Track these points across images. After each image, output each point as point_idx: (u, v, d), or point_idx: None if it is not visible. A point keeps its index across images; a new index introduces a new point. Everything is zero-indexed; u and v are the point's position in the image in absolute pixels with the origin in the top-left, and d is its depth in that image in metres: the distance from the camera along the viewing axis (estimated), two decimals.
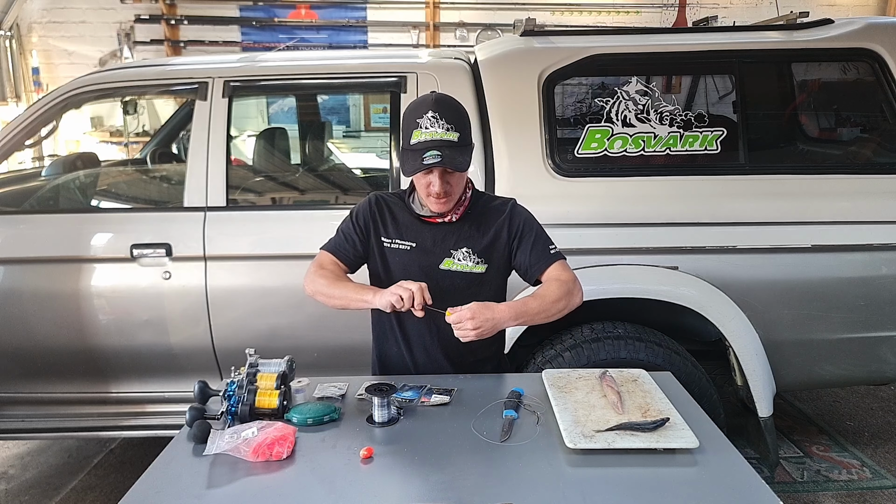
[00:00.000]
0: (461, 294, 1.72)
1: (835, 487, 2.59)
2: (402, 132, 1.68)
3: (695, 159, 2.30)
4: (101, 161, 3.35)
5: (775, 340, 2.30)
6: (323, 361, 2.36)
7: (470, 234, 1.75)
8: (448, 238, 1.74)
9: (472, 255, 1.74)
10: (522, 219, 1.79)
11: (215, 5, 6.46)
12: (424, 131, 1.60)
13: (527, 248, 1.76)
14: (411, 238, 1.75)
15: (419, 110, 1.62)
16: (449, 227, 1.75)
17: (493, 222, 1.77)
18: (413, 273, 1.73)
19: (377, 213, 1.78)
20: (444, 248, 1.74)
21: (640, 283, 2.25)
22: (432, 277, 1.72)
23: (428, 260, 1.74)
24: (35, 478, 2.77)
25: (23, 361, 2.46)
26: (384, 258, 1.77)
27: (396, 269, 1.76)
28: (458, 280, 1.74)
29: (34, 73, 6.50)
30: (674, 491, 1.21)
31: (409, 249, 1.75)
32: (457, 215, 1.74)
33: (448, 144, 1.60)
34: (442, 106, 1.62)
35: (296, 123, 3.88)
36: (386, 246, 1.77)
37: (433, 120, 1.59)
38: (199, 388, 1.51)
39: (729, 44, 2.41)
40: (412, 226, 1.76)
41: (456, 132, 1.61)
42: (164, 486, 1.25)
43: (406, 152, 1.64)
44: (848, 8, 6.62)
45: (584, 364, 2.15)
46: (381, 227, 1.78)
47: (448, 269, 1.74)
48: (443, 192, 1.63)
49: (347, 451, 1.35)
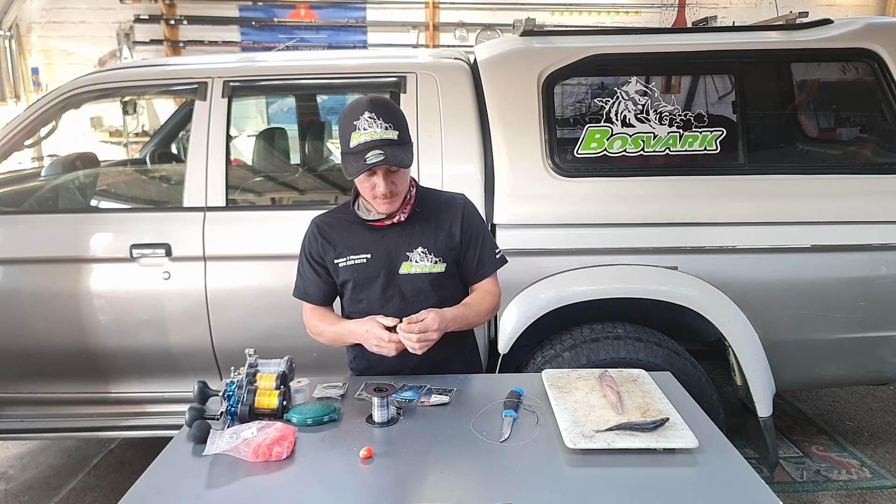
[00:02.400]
0: (425, 296, 1.72)
1: (834, 487, 2.59)
2: (340, 137, 1.65)
3: (694, 159, 2.30)
4: (100, 161, 3.35)
5: (775, 340, 2.30)
6: (323, 361, 2.36)
7: (422, 232, 1.74)
8: (401, 241, 1.73)
9: (428, 254, 1.73)
10: (475, 219, 1.80)
11: (215, 5, 6.46)
12: (363, 132, 1.58)
13: (475, 251, 1.78)
14: (364, 250, 1.73)
15: (355, 113, 1.60)
16: (399, 228, 1.73)
17: (444, 219, 1.76)
18: (374, 284, 1.73)
19: (322, 238, 1.77)
20: (399, 251, 1.73)
21: (639, 283, 2.25)
22: (393, 284, 1.72)
23: (386, 268, 1.73)
24: (35, 478, 2.77)
25: (23, 361, 2.46)
26: (340, 277, 1.77)
27: (357, 283, 1.75)
28: (420, 282, 1.73)
29: (34, 73, 6.50)
30: (673, 491, 1.21)
31: (365, 262, 1.73)
32: (404, 214, 1.72)
33: (388, 143, 1.58)
34: (377, 106, 1.61)
35: (295, 123, 3.89)
36: (341, 265, 1.75)
37: (370, 120, 1.58)
38: (199, 388, 1.51)
39: (728, 44, 2.41)
40: (361, 236, 1.74)
41: (395, 130, 1.60)
42: (163, 486, 1.25)
43: (347, 156, 1.62)
44: (848, 8, 6.63)
45: (584, 364, 2.15)
46: (332, 249, 1.76)
47: (408, 272, 1.73)
48: (388, 191, 1.62)
49: (347, 451, 1.35)
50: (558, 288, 2.25)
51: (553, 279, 2.26)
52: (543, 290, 2.25)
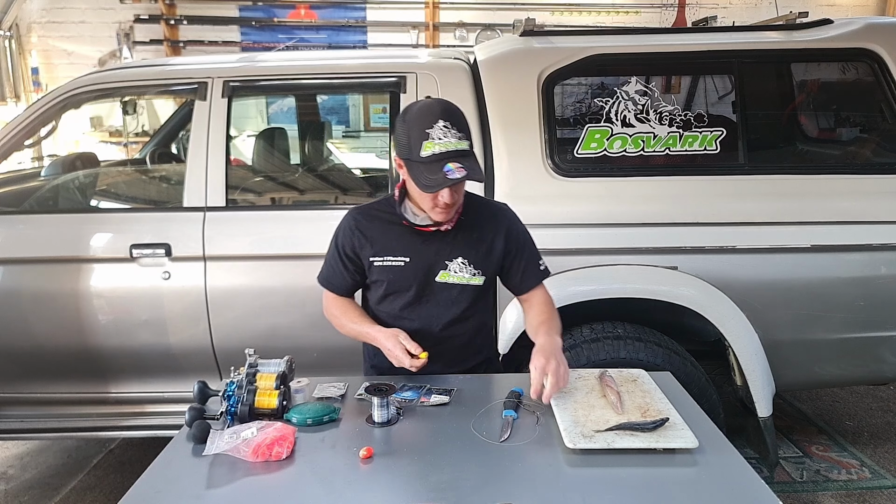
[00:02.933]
0: (457, 306, 1.70)
1: (834, 487, 2.59)
2: (407, 142, 1.54)
3: (694, 159, 2.30)
4: (100, 161, 3.35)
5: (775, 340, 2.30)
6: (322, 361, 2.36)
7: (464, 242, 1.70)
8: (442, 249, 1.69)
9: (468, 265, 1.69)
10: (519, 233, 1.76)
11: (215, 5, 6.46)
12: (437, 142, 1.50)
13: (520, 264, 1.75)
14: (403, 253, 1.69)
15: (427, 120, 1.52)
16: (442, 235, 1.69)
17: (488, 232, 1.72)
18: (408, 288, 1.70)
19: (360, 233, 1.71)
20: (439, 259, 1.69)
21: (639, 283, 2.25)
22: (427, 291, 1.70)
23: (423, 274, 1.69)
24: (35, 478, 2.77)
25: (23, 361, 2.46)
26: (374, 276, 1.73)
27: (392, 286, 1.71)
28: (455, 292, 1.70)
29: (33, 73, 6.50)
30: (673, 491, 1.21)
31: (402, 265, 1.69)
32: (452, 224, 1.68)
33: (462, 154, 1.52)
34: (451, 114, 1.54)
35: (295, 123, 3.89)
36: (376, 265, 1.71)
37: (445, 130, 1.51)
38: (199, 388, 1.51)
39: (728, 44, 2.41)
40: (402, 238, 1.69)
41: (466, 140, 1.54)
42: (163, 486, 1.25)
43: (417, 165, 1.53)
44: (847, 8, 6.63)
45: (584, 364, 2.15)
46: (368, 244, 1.70)
47: (444, 281, 1.69)
48: (453, 202, 1.58)
49: (347, 451, 1.35)
50: (558, 288, 2.24)
51: (553, 279, 2.25)
52: None
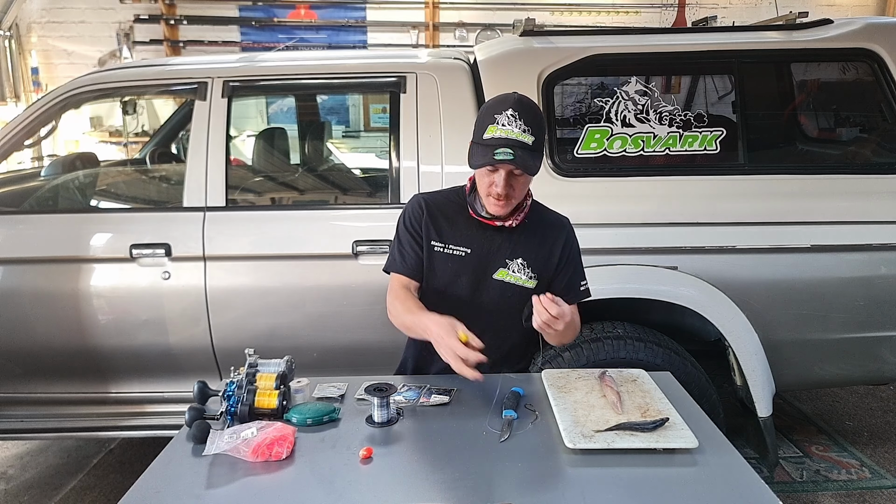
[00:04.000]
0: (506, 308, 1.68)
1: (834, 487, 2.59)
2: (476, 125, 1.60)
3: (694, 159, 2.30)
4: (100, 161, 3.35)
5: (775, 340, 2.30)
6: (322, 361, 2.36)
7: (526, 245, 1.70)
8: (504, 246, 1.69)
9: (526, 267, 1.69)
10: (575, 246, 1.76)
11: (215, 5, 6.46)
12: (500, 128, 1.53)
13: (566, 277, 1.74)
14: (466, 243, 1.68)
15: (499, 107, 1.55)
16: (507, 233, 1.68)
17: (549, 238, 1.72)
18: (463, 281, 1.68)
19: (429, 215, 1.70)
20: (500, 256, 1.68)
21: (639, 283, 2.25)
22: (483, 287, 1.68)
23: (481, 268, 1.68)
24: (34, 478, 2.77)
25: (22, 361, 2.46)
26: (432, 263, 1.70)
27: (446, 275, 1.69)
28: (508, 292, 1.69)
29: (33, 73, 6.50)
30: (673, 491, 1.21)
31: (463, 256, 1.68)
32: (517, 221, 1.68)
33: (521, 145, 1.53)
34: (523, 107, 1.56)
35: (295, 123, 3.89)
36: (437, 251, 1.69)
37: (512, 118, 1.53)
38: (199, 388, 1.51)
39: (728, 44, 2.41)
40: (467, 229, 1.69)
41: (532, 136, 1.54)
42: (163, 486, 1.25)
43: (476, 146, 1.58)
44: (847, 8, 6.63)
45: (584, 364, 2.15)
46: (434, 230, 1.69)
47: (501, 279, 1.69)
48: (505, 193, 1.58)
49: (347, 451, 1.35)
50: None
51: None
52: None
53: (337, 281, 2.32)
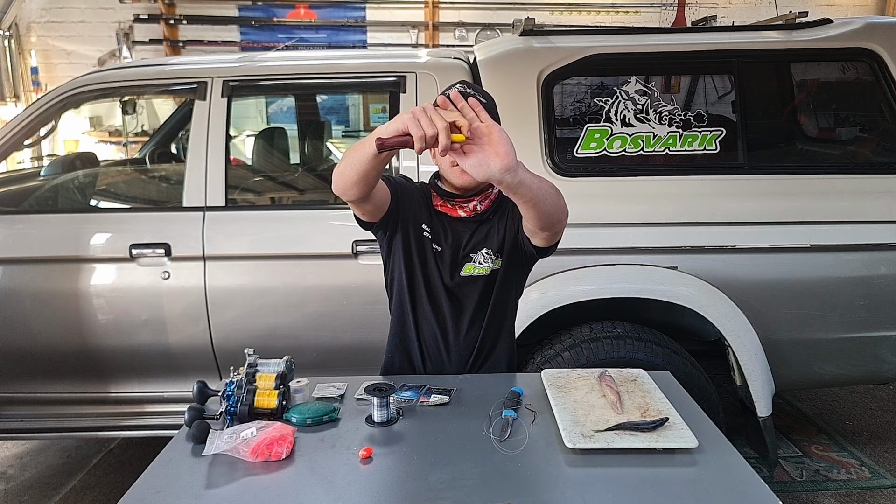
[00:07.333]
0: (477, 299, 1.66)
1: (834, 487, 2.59)
2: None
3: (694, 159, 2.31)
4: (99, 161, 3.35)
5: (774, 340, 2.31)
6: (322, 361, 2.36)
7: (489, 234, 1.65)
8: (469, 241, 1.64)
9: (491, 255, 1.64)
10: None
11: (214, 5, 6.46)
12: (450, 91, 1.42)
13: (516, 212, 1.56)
14: (438, 240, 1.65)
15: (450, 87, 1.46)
16: (470, 225, 1.63)
17: (505, 211, 1.65)
18: (430, 278, 1.65)
19: (421, 197, 1.64)
20: (465, 252, 1.65)
21: (639, 283, 2.25)
22: (450, 284, 1.66)
23: (449, 266, 1.65)
24: (34, 478, 2.77)
25: (22, 361, 2.46)
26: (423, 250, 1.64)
27: (419, 264, 1.64)
28: (478, 283, 1.66)
29: (33, 72, 6.50)
30: (673, 491, 1.21)
31: (439, 251, 1.65)
32: (482, 206, 1.62)
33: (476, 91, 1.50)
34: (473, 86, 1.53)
35: (295, 123, 3.89)
36: (426, 236, 1.64)
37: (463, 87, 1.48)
38: (198, 388, 1.51)
39: (728, 44, 2.41)
40: (439, 225, 1.65)
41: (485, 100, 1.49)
42: (163, 486, 1.25)
43: None
44: (847, 8, 6.63)
45: (584, 364, 2.15)
46: (426, 215, 1.63)
47: (469, 274, 1.65)
48: None
49: (346, 451, 1.35)
50: (558, 288, 2.25)
51: (553, 279, 2.26)
52: (543, 290, 2.25)
53: (337, 281, 2.32)
